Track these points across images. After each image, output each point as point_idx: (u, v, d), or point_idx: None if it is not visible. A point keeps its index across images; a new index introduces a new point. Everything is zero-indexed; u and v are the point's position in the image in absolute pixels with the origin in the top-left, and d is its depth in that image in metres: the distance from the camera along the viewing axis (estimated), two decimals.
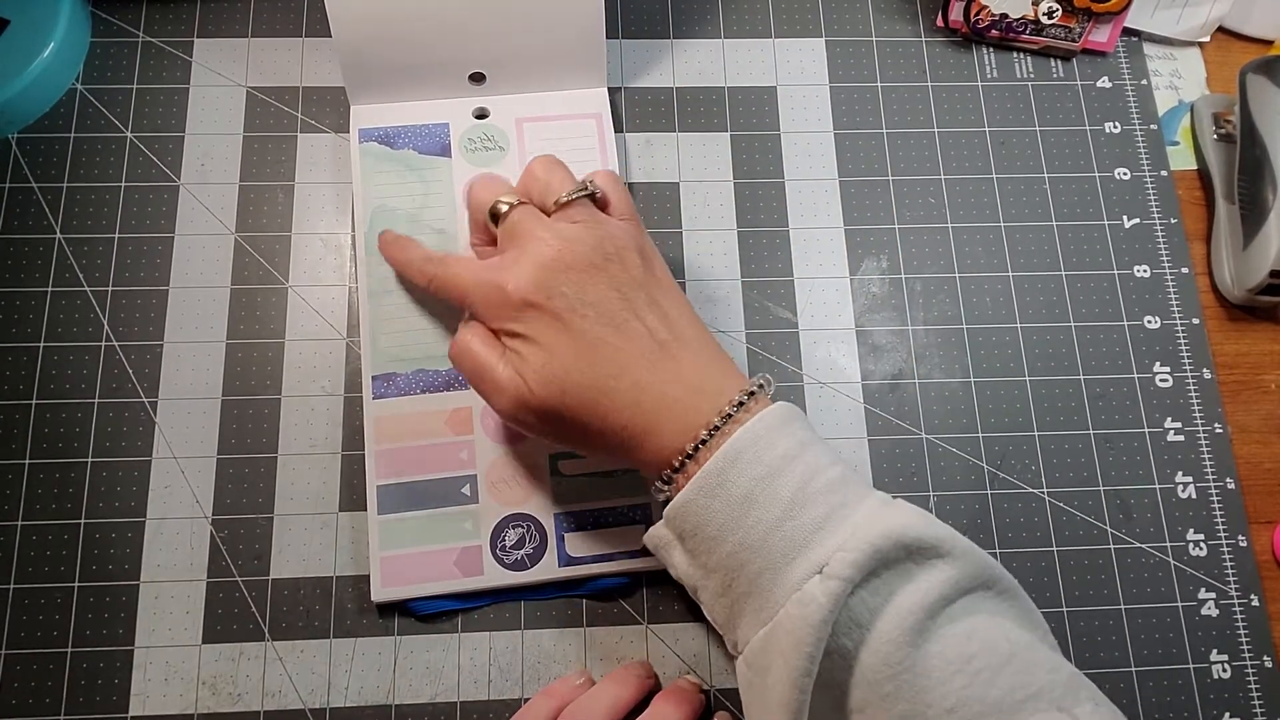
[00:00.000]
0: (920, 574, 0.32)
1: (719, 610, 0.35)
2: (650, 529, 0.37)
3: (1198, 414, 0.47)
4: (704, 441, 0.34)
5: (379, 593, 0.41)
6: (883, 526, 0.32)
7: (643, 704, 0.40)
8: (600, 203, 0.40)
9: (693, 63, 0.51)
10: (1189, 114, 0.52)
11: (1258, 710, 0.42)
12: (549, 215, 0.38)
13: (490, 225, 0.40)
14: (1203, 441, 0.46)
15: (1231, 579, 0.44)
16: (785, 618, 0.32)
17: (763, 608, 0.33)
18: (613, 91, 0.50)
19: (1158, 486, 0.46)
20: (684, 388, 0.35)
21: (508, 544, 0.42)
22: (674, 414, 0.35)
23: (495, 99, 0.48)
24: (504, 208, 0.39)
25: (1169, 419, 0.47)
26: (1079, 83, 0.52)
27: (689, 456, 0.34)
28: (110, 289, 0.46)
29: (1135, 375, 0.47)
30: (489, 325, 0.38)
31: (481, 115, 0.48)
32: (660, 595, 0.43)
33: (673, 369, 0.36)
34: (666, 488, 0.35)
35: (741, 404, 0.34)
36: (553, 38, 0.47)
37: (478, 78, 0.48)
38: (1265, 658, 0.43)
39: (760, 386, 0.36)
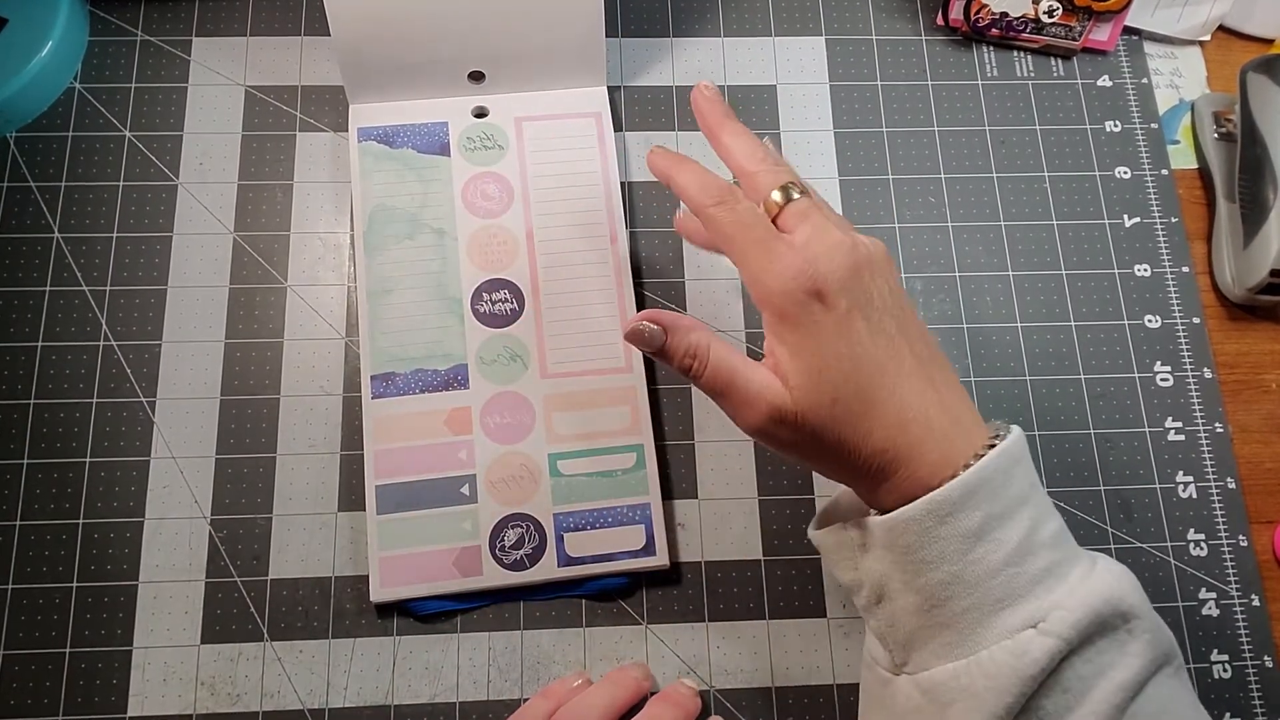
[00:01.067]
0: (1132, 646, 0.31)
1: (903, 627, 0.33)
2: (831, 527, 0.35)
3: (1198, 413, 0.47)
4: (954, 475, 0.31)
5: (377, 593, 0.41)
6: (1104, 591, 0.31)
7: (640, 705, 0.40)
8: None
9: (692, 61, 0.51)
10: (1189, 113, 0.52)
11: (1258, 710, 0.42)
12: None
13: (762, 207, 0.35)
14: (1203, 441, 0.46)
15: (1232, 579, 0.44)
16: (989, 661, 0.31)
17: (960, 644, 0.31)
18: (612, 90, 0.50)
19: (1158, 486, 0.46)
20: (946, 416, 0.33)
21: (507, 544, 0.42)
22: (935, 444, 0.32)
23: (494, 98, 0.48)
24: (789, 195, 0.35)
25: (1169, 418, 0.47)
26: (1079, 81, 0.52)
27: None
28: (108, 288, 0.46)
29: (1136, 374, 0.47)
30: (764, 307, 0.33)
31: (481, 114, 0.48)
32: (660, 595, 0.43)
33: (934, 394, 0.33)
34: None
35: (992, 445, 0.32)
36: (552, 36, 0.47)
37: (477, 76, 0.48)
38: (1266, 658, 0.43)
39: (999, 433, 0.33)
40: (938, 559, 0.31)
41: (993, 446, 0.32)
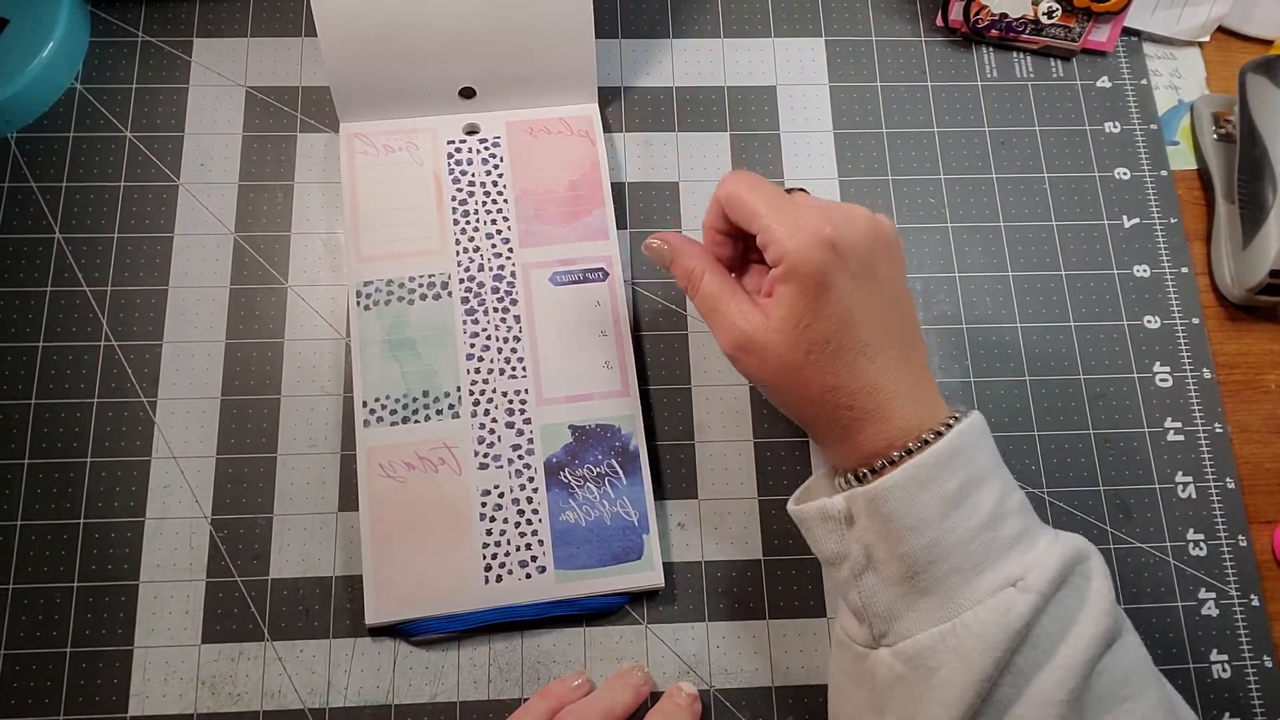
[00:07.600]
0: (1090, 594, 0.33)
1: (884, 597, 0.34)
2: (813, 502, 0.36)
3: (1198, 414, 0.47)
4: (925, 441, 0.34)
5: (374, 615, 0.41)
6: (1067, 548, 0.33)
7: (640, 711, 0.40)
8: None
9: (692, 62, 0.51)
10: (1189, 114, 0.52)
11: (1258, 710, 0.42)
12: None
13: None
14: (1203, 441, 0.46)
15: (1231, 579, 0.44)
16: (975, 621, 0.32)
17: (942, 607, 0.33)
18: (612, 91, 0.50)
19: (1158, 486, 0.46)
20: (915, 390, 0.35)
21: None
22: (904, 411, 0.35)
23: (486, 115, 0.48)
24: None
25: (1169, 419, 0.47)
26: (1079, 82, 0.52)
27: (907, 452, 0.34)
28: (109, 289, 0.46)
29: (1135, 375, 0.47)
30: (779, 259, 0.35)
31: (472, 131, 0.48)
32: (660, 596, 0.43)
33: (908, 371, 0.36)
34: (870, 475, 0.35)
35: (956, 419, 0.35)
36: (543, 54, 0.46)
37: (467, 92, 0.47)
38: (1265, 657, 0.43)
39: (958, 414, 0.36)
40: (919, 524, 0.33)
41: (957, 419, 0.35)
